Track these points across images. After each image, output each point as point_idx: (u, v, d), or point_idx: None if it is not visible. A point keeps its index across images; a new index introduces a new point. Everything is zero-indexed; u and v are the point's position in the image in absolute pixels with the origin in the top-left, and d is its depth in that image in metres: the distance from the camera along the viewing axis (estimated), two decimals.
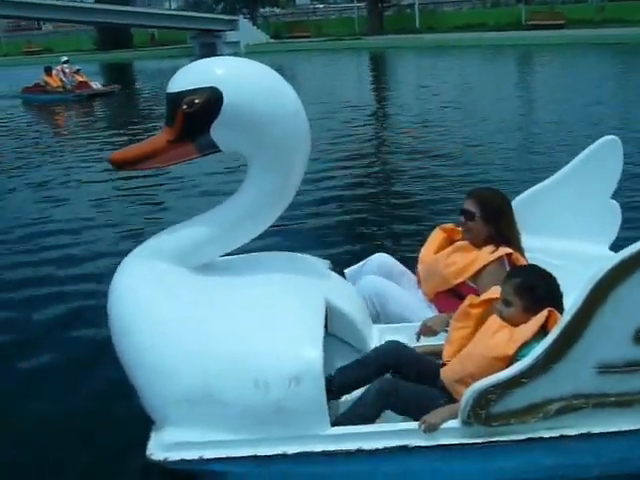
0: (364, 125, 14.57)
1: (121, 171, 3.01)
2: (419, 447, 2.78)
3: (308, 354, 2.76)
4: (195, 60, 3.09)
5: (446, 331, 3.29)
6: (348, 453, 2.77)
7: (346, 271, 4.12)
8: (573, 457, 2.81)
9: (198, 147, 2.89)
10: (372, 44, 42.33)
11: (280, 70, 3.05)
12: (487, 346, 2.84)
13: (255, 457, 2.77)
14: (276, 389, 2.70)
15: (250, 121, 2.84)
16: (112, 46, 54.87)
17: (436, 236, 4.04)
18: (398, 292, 3.87)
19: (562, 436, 2.75)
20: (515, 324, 2.86)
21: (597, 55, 27.88)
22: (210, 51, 47.25)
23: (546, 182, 4.19)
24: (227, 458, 2.78)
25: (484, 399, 2.69)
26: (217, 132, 2.85)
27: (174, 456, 2.78)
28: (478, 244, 3.71)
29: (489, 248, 3.66)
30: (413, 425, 2.83)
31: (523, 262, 3.64)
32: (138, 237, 5.98)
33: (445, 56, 32.20)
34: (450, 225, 4.06)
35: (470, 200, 3.76)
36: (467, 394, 2.73)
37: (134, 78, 33.17)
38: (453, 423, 2.79)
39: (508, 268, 3.61)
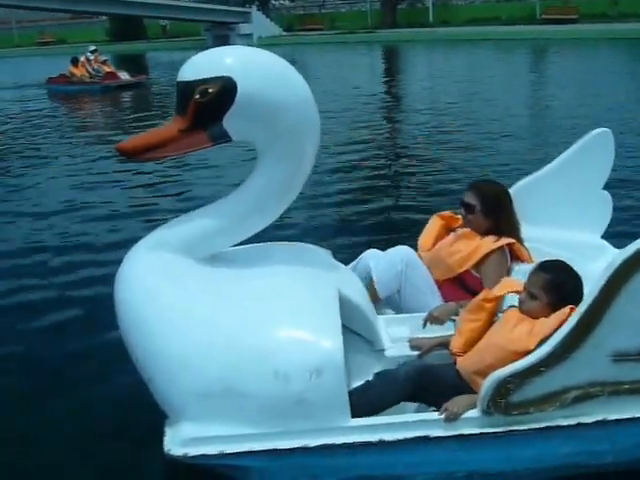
0: (375, 116, 14.69)
1: (130, 160, 2.95)
2: (440, 437, 2.79)
3: (329, 345, 2.74)
4: None
5: (452, 320, 3.34)
6: (369, 444, 2.76)
7: None
8: (589, 444, 2.85)
9: (210, 136, 2.86)
10: (385, 37, 42.28)
11: (293, 63, 3.05)
12: (507, 339, 2.85)
13: (276, 450, 2.74)
14: (297, 381, 2.68)
15: (264, 110, 2.82)
16: (125, 37, 54.91)
17: (434, 224, 4.05)
18: (425, 271, 3.82)
19: (579, 424, 2.80)
20: (535, 317, 2.89)
21: (610, 49, 27.83)
22: (223, 43, 46.58)
23: (539, 173, 4.26)
24: (248, 452, 2.74)
25: (504, 388, 2.72)
26: (230, 122, 2.82)
27: (193, 451, 2.74)
28: (480, 234, 3.74)
29: (491, 237, 3.69)
30: (433, 415, 2.85)
31: (524, 252, 3.72)
32: None
33: (459, 50, 32.19)
34: (448, 212, 4.09)
35: (470, 193, 3.77)
36: (487, 383, 2.75)
37: (152, 69, 33.11)
38: (473, 413, 2.81)
39: (509, 258, 3.70)
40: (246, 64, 2.84)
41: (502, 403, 2.75)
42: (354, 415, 2.81)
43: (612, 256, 3.79)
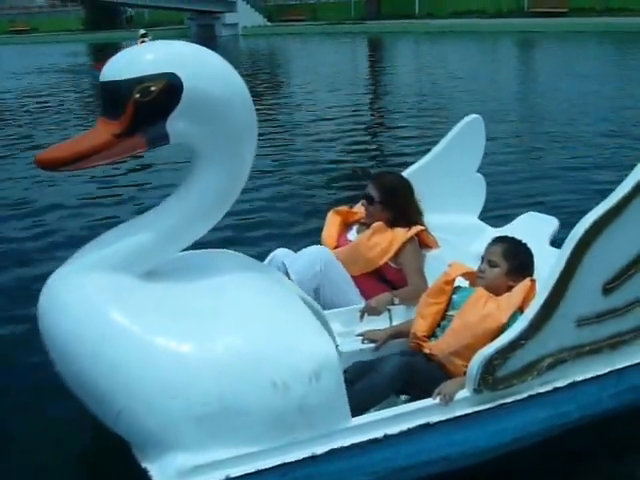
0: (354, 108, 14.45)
1: (53, 171, 2.59)
2: (440, 422, 2.84)
3: (323, 347, 2.65)
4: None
5: (388, 310, 3.56)
6: (376, 441, 2.73)
7: None
8: (560, 406, 3.06)
9: (148, 140, 2.59)
10: (373, 28, 42.04)
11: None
12: (481, 316, 3.00)
13: (285, 465, 2.58)
14: (297, 387, 2.55)
15: (210, 110, 2.62)
16: (100, 27, 53.91)
17: (333, 220, 4.07)
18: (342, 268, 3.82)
19: (554, 389, 3.02)
20: (494, 286, 3.14)
21: (598, 43, 28.04)
22: (208, 32, 46.77)
23: (421, 161, 4.45)
24: (255, 472, 2.54)
25: (490, 365, 2.84)
26: (174, 123, 2.57)
27: None
28: (391, 224, 3.80)
29: (401, 228, 3.77)
30: (429, 402, 2.88)
31: (431, 239, 3.88)
32: None
33: (446, 42, 32.33)
34: (344, 208, 4.14)
35: (371, 185, 3.85)
36: (475, 362, 2.85)
37: None
38: (464, 393, 2.89)
39: (419, 245, 3.82)
40: (191, 61, 2.63)
41: (490, 379, 2.86)
42: None
43: (490, 235, 3.97)
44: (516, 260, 3.18)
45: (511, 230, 4.13)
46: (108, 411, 2.56)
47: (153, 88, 2.48)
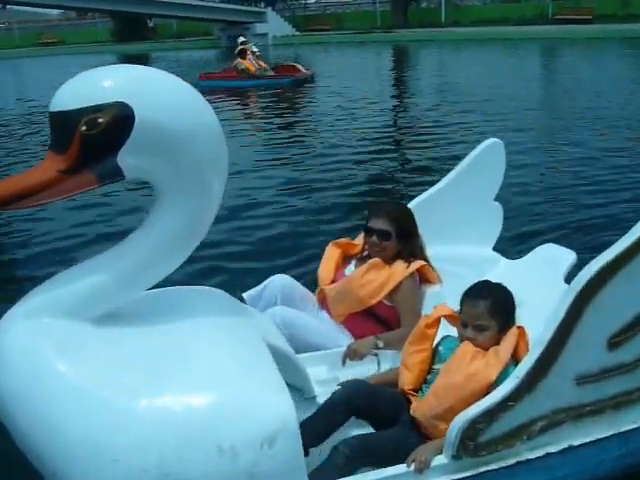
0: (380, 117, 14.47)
1: None
2: None
3: (279, 407, 2.34)
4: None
5: (375, 354, 3.23)
6: None
7: (245, 295, 3.73)
8: (555, 472, 2.74)
9: (99, 176, 2.33)
10: (401, 37, 42.58)
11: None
12: (467, 375, 2.66)
13: None
14: (247, 454, 2.26)
15: (166, 142, 2.36)
16: (129, 38, 54.68)
17: (331, 253, 3.81)
18: (308, 320, 3.58)
19: (547, 454, 2.69)
20: (487, 347, 2.74)
21: (621, 49, 28.39)
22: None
23: (434, 189, 4.16)
24: None
25: (472, 429, 2.53)
26: (126, 157, 2.32)
27: None
28: (389, 260, 3.58)
29: (401, 263, 3.54)
30: (401, 469, 2.59)
31: (433, 274, 3.59)
32: None
33: (471, 49, 32.72)
34: (344, 240, 3.88)
35: (383, 219, 3.55)
36: (455, 426, 2.54)
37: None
38: (440, 459, 2.60)
39: (418, 282, 3.56)
40: (145, 88, 2.35)
41: (471, 445, 2.56)
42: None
43: (504, 268, 4.01)
44: (504, 313, 2.78)
45: (527, 263, 4.05)
46: (45, 470, 2.35)
47: (101, 120, 2.23)
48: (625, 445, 2.83)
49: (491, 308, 2.74)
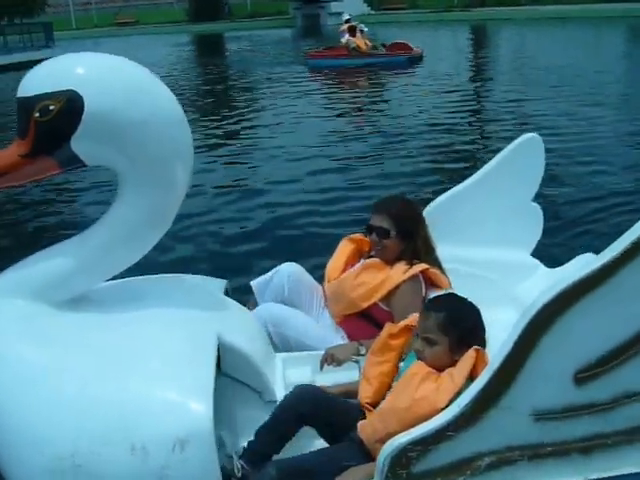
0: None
1: None
2: None
3: (195, 410, 2.30)
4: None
5: (356, 361, 2.95)
6: None
7: (252, 283, 3.65)
8: None
9: (58, 162, 2.43)
10: (475, 16, 41.64)
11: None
12: (413, 400, 2.39)
13: None
14: (157, 455, 2.24)
15: (118, 130, 2.40)
16: (205, 18, 55.13)
17: (343, 248, 3.59)
18: (300, 320, 3.41)
19: None
20: (438, 365, 2.47)
21: None
22: (313, 22, 47.13)
23: (461, 186, 3.80)
24: None
25: (404, 457, 2.26)
26: (79, 144, 2.39)
27: None
28: (390, 261, 3.32)
29: (402, 265, 3.27)
30: None
31: (442, 278, 3.30)
32: None
33: (552, 29, 31.63)
34: (358, 235, 3.60)
35: (382, 216, 3.30)
36: (384, 452, 2.28)
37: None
38: None
39: (424, 286, 3.27)
40: (95, 75, 2.40)
41: (404, 474, 2.28)
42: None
43: (543, 276, 3.61)
44: (457, 330, 2.48)
45: (564, 273, 3.53)
46: None
47: (52, 107, 2.32)
48: None
49: (442, 323, 2.48)
